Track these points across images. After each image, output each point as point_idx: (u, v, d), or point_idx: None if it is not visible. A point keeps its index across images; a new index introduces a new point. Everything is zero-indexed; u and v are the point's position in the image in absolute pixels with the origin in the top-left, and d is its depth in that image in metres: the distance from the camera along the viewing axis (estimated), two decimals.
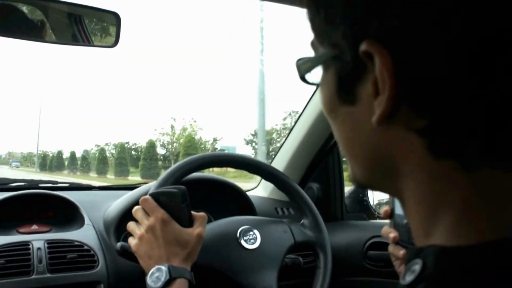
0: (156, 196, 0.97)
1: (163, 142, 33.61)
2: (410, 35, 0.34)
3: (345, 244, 1.48)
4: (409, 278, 0.36)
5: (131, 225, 1.00)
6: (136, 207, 1.00)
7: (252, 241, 1.14)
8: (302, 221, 1.27)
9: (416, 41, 0.34)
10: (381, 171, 0.41)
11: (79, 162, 41.60)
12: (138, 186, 1.73)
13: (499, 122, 0.34)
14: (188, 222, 0.98)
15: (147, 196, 0.98)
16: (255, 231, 1.16)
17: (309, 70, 0.43)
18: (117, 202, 1.41)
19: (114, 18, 1.11)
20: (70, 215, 1.39)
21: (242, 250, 1.12)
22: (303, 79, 0.44)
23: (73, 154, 43.23)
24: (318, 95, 1.55)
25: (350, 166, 0.45)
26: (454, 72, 0.33)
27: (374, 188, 0.46)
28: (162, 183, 1.12)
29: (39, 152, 50.47)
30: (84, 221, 1.34)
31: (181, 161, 1.19)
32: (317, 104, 1.54)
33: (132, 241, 0.98)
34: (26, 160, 56.53)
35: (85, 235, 1.29)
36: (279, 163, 1.65)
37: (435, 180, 0.37)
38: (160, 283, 0.88)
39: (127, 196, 1.39)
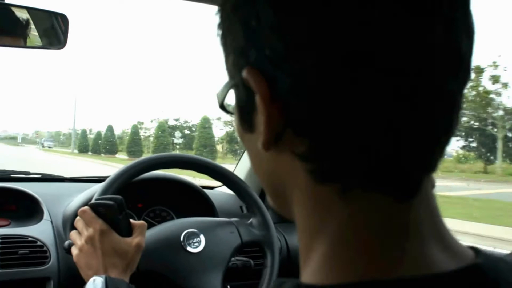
0: (94, 207, 0.98)
1: None
2: (281, 63, 0.35)
3: None
4: None
5: (73, 235, 1.01)
6: (76, 218, 1.01)
7: (196, 244, 1.15)
8: (251, 220, 1.26)
9: (286, 68, 0.34)
10: (279, 197, 0.42)
11: (144, 143, 29.87)
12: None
13: (373, 145, 0.34)
14: (127, 232, 0.99)
15: (86, 208, 0.99)
16: (200, 234, 1.17)
17: (222, 99, 0.44)
18: (77, 198, 1.43)
19: (62, 19, 1.11)
20: (32, 209, 1.42)
21: (186, 253, 1.13)
22: (221, 107, 0.45)
23: (135, 131, 29.70)
24: None
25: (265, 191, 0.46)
26: (322, 97, 0.34)
27: (282, 214, 0.45)
28: (106, 188, 1.12)
29: (71, 129, 40.37)
30: (43, 216, 1.37)
31: (125, 165, 1.19)
32: None
33: (74, 251, 0.99)
34: (53, 140, 49.58)
35: (41, 230, 1.31)
36: (243, 166, 1.65)
37: (315, 207, 0.37)
38: None
39: (86, 193, 1.41)
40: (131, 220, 1.01)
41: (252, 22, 0.36)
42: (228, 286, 1.27)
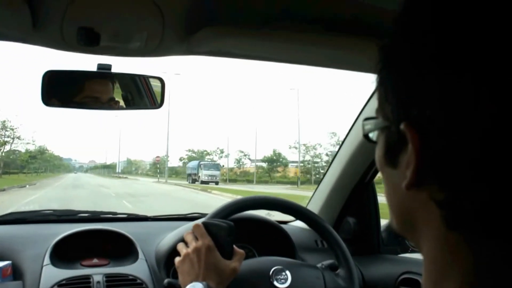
0: (207, 225, 1.14)
1: None
2: (438, 125, 0.40)
3: (378, 279, 1.55)
4: None
5: (179, 245, 1.17)
6: (187, 232, 1.16)
7: (283, 280, 1.25)
8: (338, 271, 1.34)
9: (442, 130, 0.40)
10: (407, 226, 0.49)
11: None
12: (190, 216, 1.90)
13: (505, 203, 0.38)
14: (229, 255, 1.14)
15: (199, 223, 1.15)
16: (287, 272, 1.26)
17: (370, 131, 0.52)
18: (168, 237, 1.56)
19: (159, 82, 1.26)
20: (126, 249, 1.57)
21: (272, 287, 1.23)
22: (366, 137, 0.53)
23: None
24: (351, 136, 1.64)
25: (390, 214, 0.53)
26: (467, 160, 0.39)
27: (405, 237, 0.53)
28: (214, 215, 1.28)
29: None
30: (138, 255, 1.51)
31: (234, 199, 1.35)
32: (351, 144, 1.63)
33: (177, 259, 1.14)
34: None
35: (139, 269, 1.45)
36: (317, 201, 1.74)
37: (444, 249, 0.42)
38: None
39: (176, 232, 1.54)
40: (234, 246, 1.14)
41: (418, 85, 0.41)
42: None
